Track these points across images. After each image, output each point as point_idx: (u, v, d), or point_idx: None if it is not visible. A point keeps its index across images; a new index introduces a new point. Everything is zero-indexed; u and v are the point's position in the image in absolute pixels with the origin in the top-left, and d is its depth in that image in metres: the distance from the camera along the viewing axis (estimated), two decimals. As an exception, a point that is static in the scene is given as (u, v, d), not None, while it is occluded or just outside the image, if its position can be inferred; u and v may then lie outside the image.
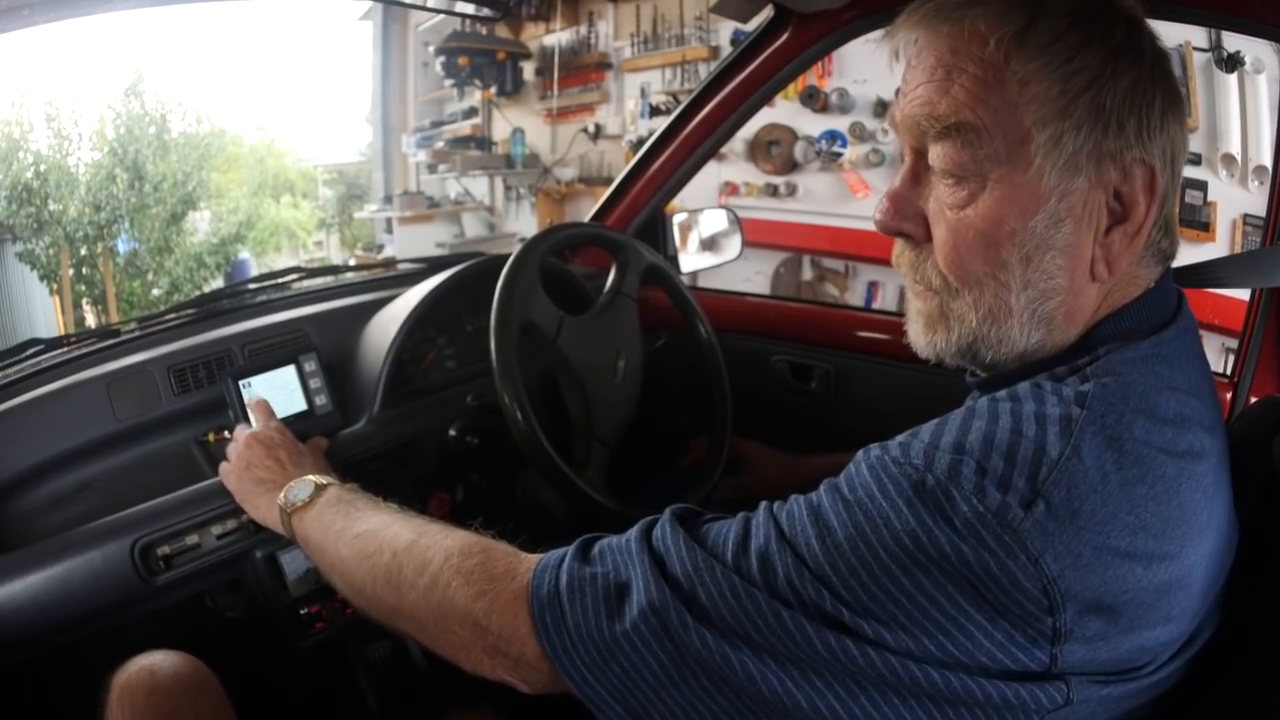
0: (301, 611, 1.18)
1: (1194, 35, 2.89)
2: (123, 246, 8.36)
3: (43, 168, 7.73)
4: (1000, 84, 0.62)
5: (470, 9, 1.73)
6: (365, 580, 0.83)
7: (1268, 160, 2.81)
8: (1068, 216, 0.63)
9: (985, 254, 0.64)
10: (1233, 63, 2.83)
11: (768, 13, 1.46)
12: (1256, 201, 2.85)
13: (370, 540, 0.84)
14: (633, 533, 0.69)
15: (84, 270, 8.13)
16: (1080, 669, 0.57)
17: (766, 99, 1.61)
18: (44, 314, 8.00)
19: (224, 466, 1.10)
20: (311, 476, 1.00)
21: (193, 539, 1.10)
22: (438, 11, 5.87)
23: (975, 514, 0.54)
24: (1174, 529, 0.57)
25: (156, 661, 0.90)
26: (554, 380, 1.24)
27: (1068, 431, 0.57)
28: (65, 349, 1.30)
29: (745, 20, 1.54)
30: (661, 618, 0.61)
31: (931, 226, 0.68)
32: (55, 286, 7.98)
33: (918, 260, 0.70)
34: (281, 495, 0.98)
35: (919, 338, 0.73)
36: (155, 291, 8.46)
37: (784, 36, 1.48)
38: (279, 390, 1.22)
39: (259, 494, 1.04)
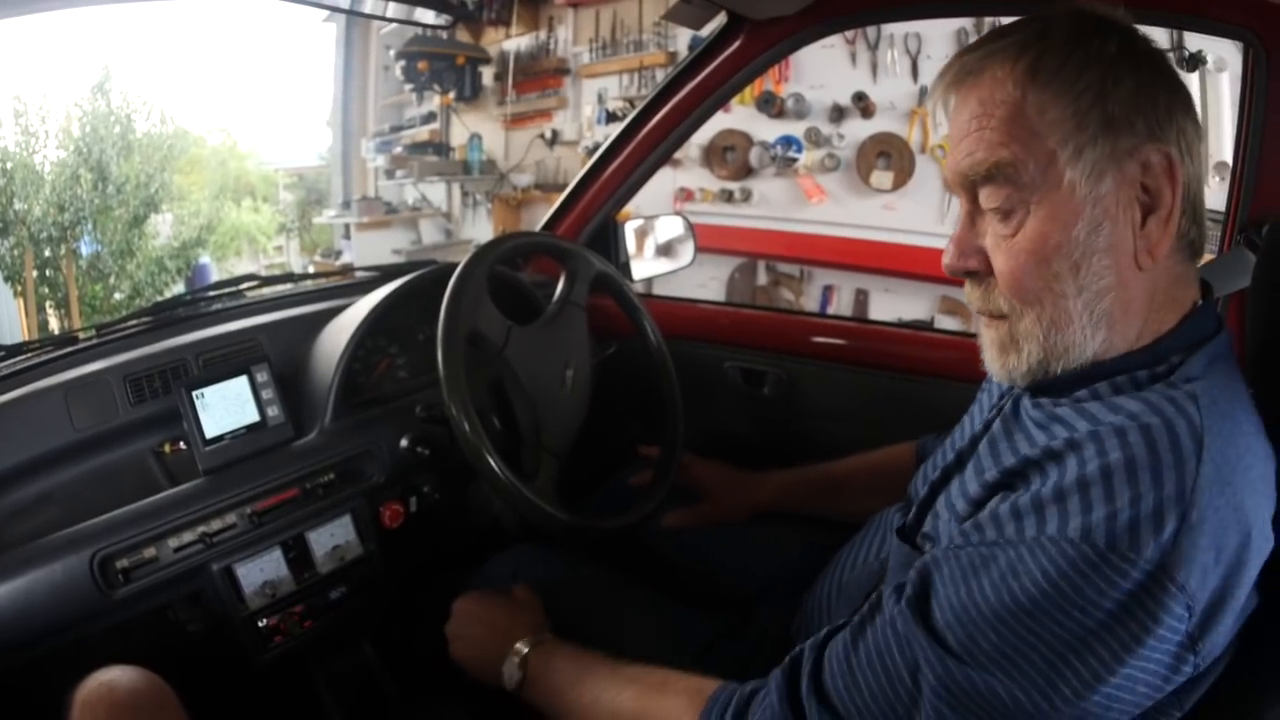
0: (260, 624, 1.18)
1: (1157, 36, 2.96)
2: (85, 249, 8.21)
3: (9, 165, 7.57)
4: (1023, 117, 0.70)
5: (430, 17, 1.74)
6: None
7: (1228, 156, 2.91)
8: (1105, 218, 0.70)
9: (1039, 271, 0.71)
10: (1194, 62, 2.92)
11: (721, 19, 1.48)
12: (1216, 198, 2.94)
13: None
14: None
15: (47, 272, 7.99)
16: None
17: (721, 104, 1.63)
18: (8, 317, 7.81)
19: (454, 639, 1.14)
20: (518, 645, 1.04)
21: (150, 552, 1.10)
22: (386, 20, 5.83)
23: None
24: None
25: (114, 677, 0.90)
26: (502, 390, 1.24)
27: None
28: (24, 356, 1.28)
29: (698, 27, 1.56)
30: None
31: (992, 260, 0.74)
32: (19, 289, 7.81)
33: (985, 293, 0.77)
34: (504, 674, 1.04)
35: (994, 363, 0.79)
36: (117, 295, 8.30)
37: (737, 42, 1.50)
38: (231, 401, 1.22)
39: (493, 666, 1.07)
